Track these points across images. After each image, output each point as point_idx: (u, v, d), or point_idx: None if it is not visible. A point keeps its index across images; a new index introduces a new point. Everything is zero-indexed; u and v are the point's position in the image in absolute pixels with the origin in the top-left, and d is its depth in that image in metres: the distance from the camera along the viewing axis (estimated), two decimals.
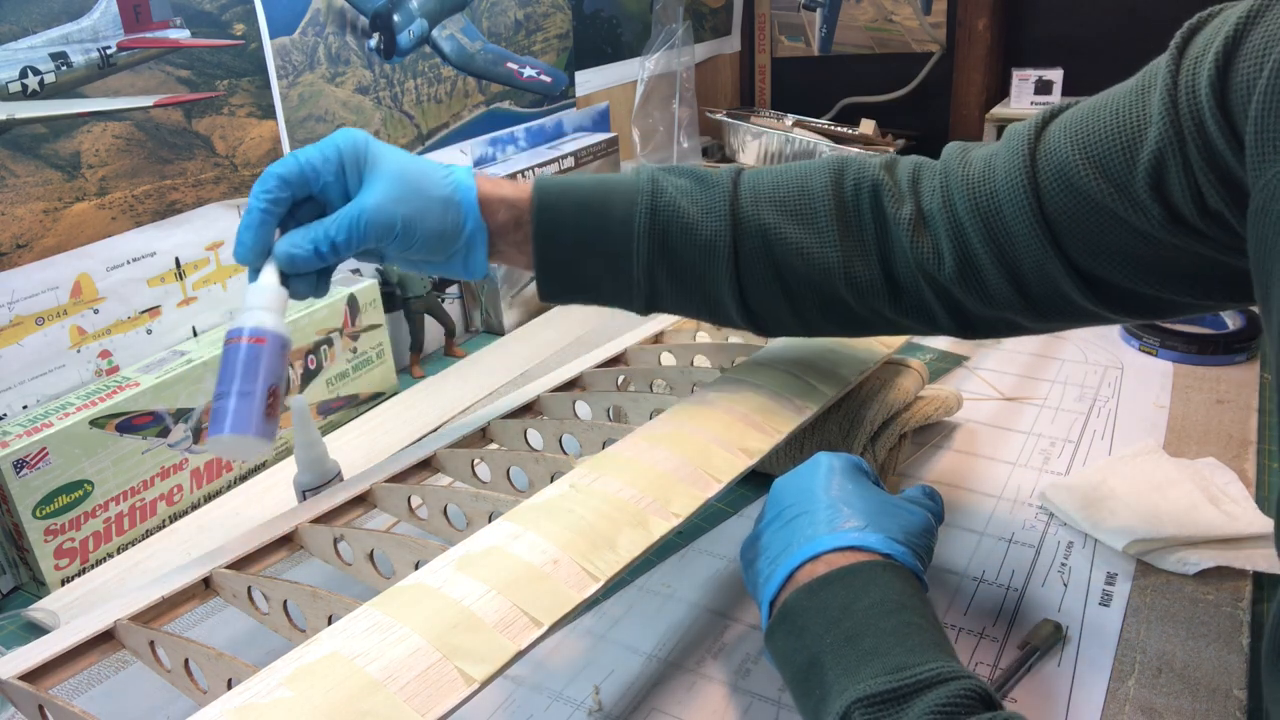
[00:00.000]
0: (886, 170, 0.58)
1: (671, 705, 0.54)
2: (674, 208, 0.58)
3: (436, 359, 1.05)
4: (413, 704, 0.39)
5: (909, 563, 0.48)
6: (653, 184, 0.59)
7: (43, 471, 0.65)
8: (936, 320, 0.58)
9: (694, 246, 0.58)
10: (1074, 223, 0.50)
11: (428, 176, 0.57)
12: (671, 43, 1.47)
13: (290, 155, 0.56)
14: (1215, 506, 0.65)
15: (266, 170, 0.55)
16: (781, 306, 0.60)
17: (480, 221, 0.58)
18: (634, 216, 0.58)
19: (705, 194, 0.59)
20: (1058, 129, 0.51)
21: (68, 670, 0.49)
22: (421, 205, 0.56)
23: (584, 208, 0.59)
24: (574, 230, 0.59)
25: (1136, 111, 0.46)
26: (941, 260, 0.55)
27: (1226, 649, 0.55)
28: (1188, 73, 0.43)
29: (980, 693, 0.40)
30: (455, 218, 0.57)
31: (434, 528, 0.60)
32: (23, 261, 0.71)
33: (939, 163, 0.57)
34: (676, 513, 0.52)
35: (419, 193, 0.56)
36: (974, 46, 1.51)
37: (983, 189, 0.53)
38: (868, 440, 0.69)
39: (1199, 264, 0.48)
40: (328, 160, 0.56)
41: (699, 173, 0.61)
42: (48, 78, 0.70)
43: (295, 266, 0.55)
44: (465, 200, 0.58)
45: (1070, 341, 0.96)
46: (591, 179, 0.60)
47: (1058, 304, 0.54)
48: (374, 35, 0.98)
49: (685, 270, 0.59)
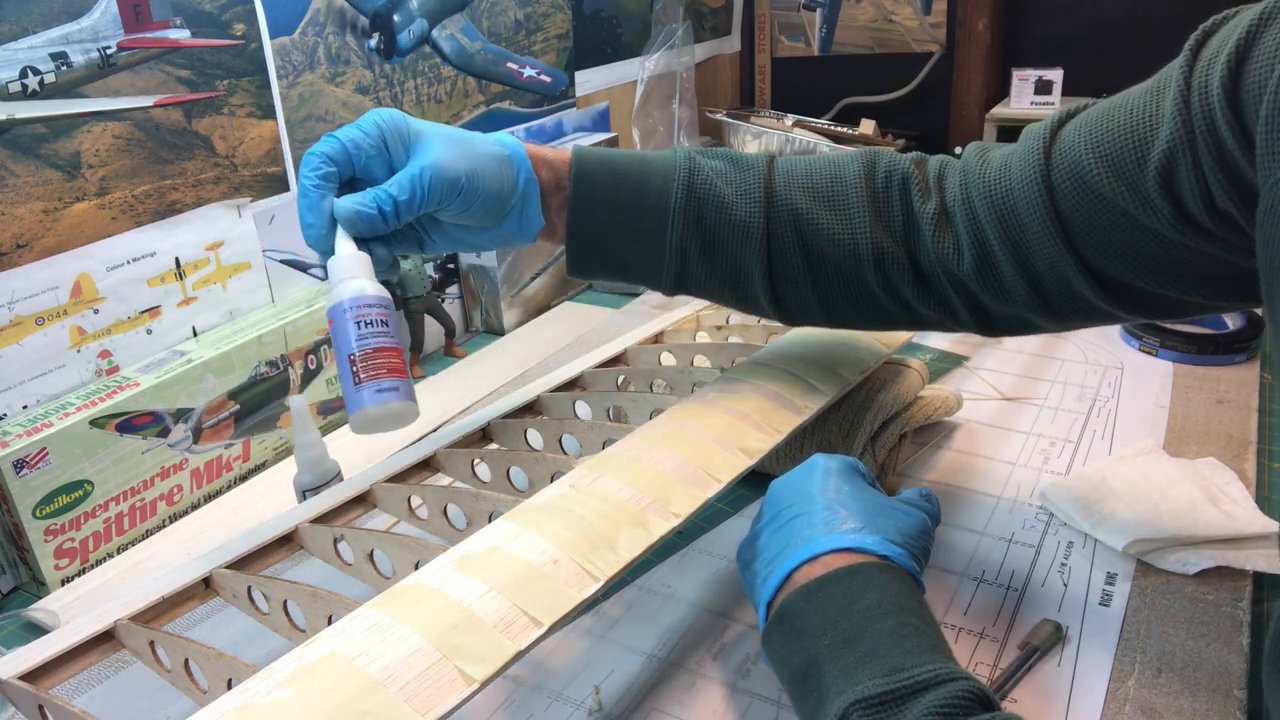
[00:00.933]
0: (916, 165, 0.59)
1: (671, 705, 0.54)
2: (710, 186, 0.59)
3: (436, 359, 1.05)
4: (413, 704, 0.39)
5: (906, 564, 0.48)
6: (690, 162, 0.59)
7: (43, 471, 0.65)
8: (957, 315, 0.59)
9: (728, 225, 0.59)
10: (1087, 221, 0.50)
11: (475, 138, 0.58)
12: (671, 43, 1.47)
13: (327, 135, 0.54)
14: (1215, 506, 0.65)
15: (307, 152, 0.53)
16: (808, 291, 0.60)
17: (532, 175, 0.58)
18: (670, 191, 0.58)
19: (740, 175, 0.59)
20: (1073, 129, 0.51)
21: (68, 670, 0.49)
22: (478, 162, 0.56)
23: (621, 179, 0.59)
24: (610, 201, 0.59)
25: (1150, 112, 0.46)
26: (961, 256, 0.56)
27: (1226, 649, 0.55)
28: (1201, 74, 0.43)
29: (978, 694, 0.40)
30: (510, 172, 0.57)
31: (434, 528, 0.60)
32: (23, 261, 0.71)
33: (960, 161, 0.58)
34: (676, 513, 0.52)
35: (473, 152, 0.56)
36: (974, 46, 1.51)
37: (999, 187, 0.54)
38: (868, 440, 0.69)
39: (1209, 264, 0.48)
40: (368, 136, 0.54)
41: (734, 155, 0.61)
42: (48, 78, 0.70)
43: (359, 228, 0.53)
44: (516, 155, 0.58)
45: (1070, 341, 0.96)
46: (629, 154, 0.61)
47: (1071, 302, 0.54)
48: (374, 35, 0.98)
49: (718, 249, 0.59)
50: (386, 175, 0.55)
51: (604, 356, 0.79)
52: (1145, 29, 1.43)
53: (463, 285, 1.11)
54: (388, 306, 0.52)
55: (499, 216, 0.58)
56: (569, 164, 0.59)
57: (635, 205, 0.59)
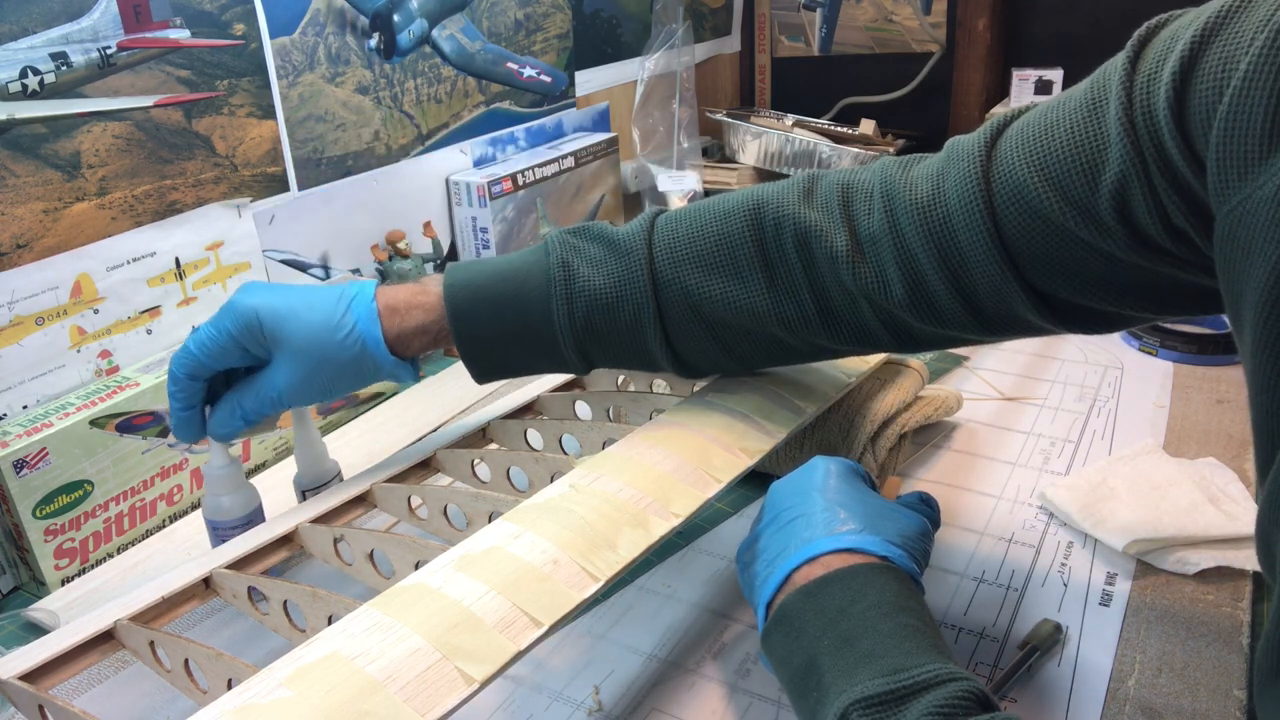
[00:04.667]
0: (805, 204, 0.56)
1: (671, 705, 0.54)
2: (590, 291, 0.57)
3: (436, 359, 1.05)
4: (413, 704, 0.39)
5: (906, 566, 0.48)
6: (564, 270, 0.57)
7: (43, 471, 0.65)
8: (877, 341, 0.58)
9: (619, 325, 0.58)
10: (1033, 246, 0.49)
11: (331, 338, 0.56)
12: (671, 43, 1.47)
13: (185, 349, 0.57)
14: (1215, 506, 0.65)
15: (170, 371, 0.58)
16: (717, 355, 0.60)
17: (395, 361, 0.58)
18: (552, 310, 0.57)
19: (620, 264, 0.58)
20: (1009, 147, 0.49)
21: (68, 670, 0.49)
22: (332, 373, 0.58)
23: (498, 308, 0.58)
24: (496, 336, 0.59)
25: (1093, 130, 0.45)
26: (888, 287, 0.54)
27: (1226, 649, 0.55)
28: (1141, 90, 0.42)
29: (978, 694, 0.40)
30: (370, 366, 0.58)
31: (434, 528, 0.60)
32: (23, 261, 0.71)
33: (873, 180, 0.55)
34: (676, 513, 0.52)
35: (327, 362, 0.57)
36: (974, 46, 1.51)
37: (934, 212, 0.52)
38: (868, 440, 0.69)
39: (1161, 281, 0.47)
40: (225, 350, 0.57)
41: (610, 237, 0.59)
42: (48, 78, 0.70)
43: (235, 438, 0.61)
44: (376, 353, 0.57)
45: (1070, 341, 0.96)
46: (498, 272, 0.59)
47: (1010, 321, 0.53)
48: (374, 35, 0.98)
49: (615, 345, 0.59)
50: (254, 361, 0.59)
51: None
52: None
53: None
54: (250, 521, 0.61)
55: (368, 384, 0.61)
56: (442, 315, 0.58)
57: (521, 331, 0.59)
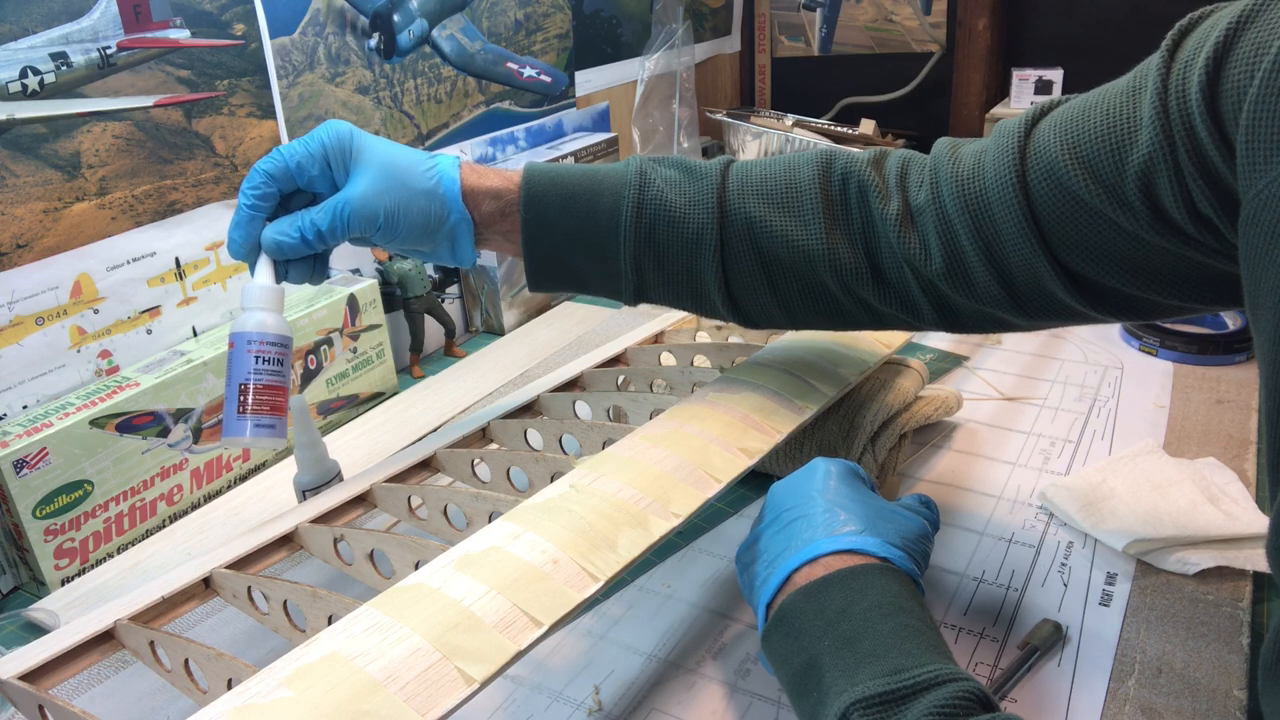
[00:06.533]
0: (874, 167, 0.58)
1: (671, 705, 0.54)
2: (661, 200, 0.59)
3: (436, 359, 1.05)
4: (413, 704, 0.39)
5: (906, 567, 0.48)
6: (641, 176, 0.59)
7: (43, 471, 0.65)
8: (921, 312, 0.58)
9: (680, 239, 0.59)
10: (1062, 222, 0.50)
11: (412, 168, 0.58)
12: (671, 43, 1.47)
13: (276, 150, 0.57)
14: (1215, 506, 0.65)
15: (254, 166, 0.56)
16: (766, 295, 0.60)
17: (464, 214, 0.59)
18: (621, 209, 0.58)
19: (693, 185, 0.59)
20: (1048, 127, 0.50)
21: (68, 670, 0.49)
22: (404, 197, 0.57)
23: (571, 199, 0.59)
24: (561, 223, 0.59)
25: (1127, 113, 0.46)
26: (930, 256, 0.55)
27: (1226, 649, 0.55)
28: (1178, 76, 0.43)
29: (978, 694, 0.40)
30: (439, 210, 0.58)
31: (434, 528, 0.60)
32: (23, 261, 0.71)
33: (928, 158, 0.57)
34: (676, 513, 0.52)
35: (402, 185, 0.57)
36: (974, 46, 1.51)
37: (972, 186, 0.53)
38: (868, 440, 0.69)
39: (1186, 267, 0.48)
40: (312, 155, 0.57)
41: (688, 164, 0.61)
42: (48, 78, 0.70)
43: (283, 253, 0.57)
44: (449, 193, 0.59)
45: (1070, 341, 0.96)
46: (580, 170, 0.61)
47: (1044, 302, 0.54)
48: (374, 35, 0.98)
49: (671, 262, 0.59)
50: (329, 190, 0.58)
51: (604, 356, 0.79)
52: (1145, 29, 1.42)
53: (463, 285, 1.11)
54: (287, 345, 0.58)
55: (429, 245, 0.60)
56: (518, 187, 0.59)
57: (587, 225, 0.59)
